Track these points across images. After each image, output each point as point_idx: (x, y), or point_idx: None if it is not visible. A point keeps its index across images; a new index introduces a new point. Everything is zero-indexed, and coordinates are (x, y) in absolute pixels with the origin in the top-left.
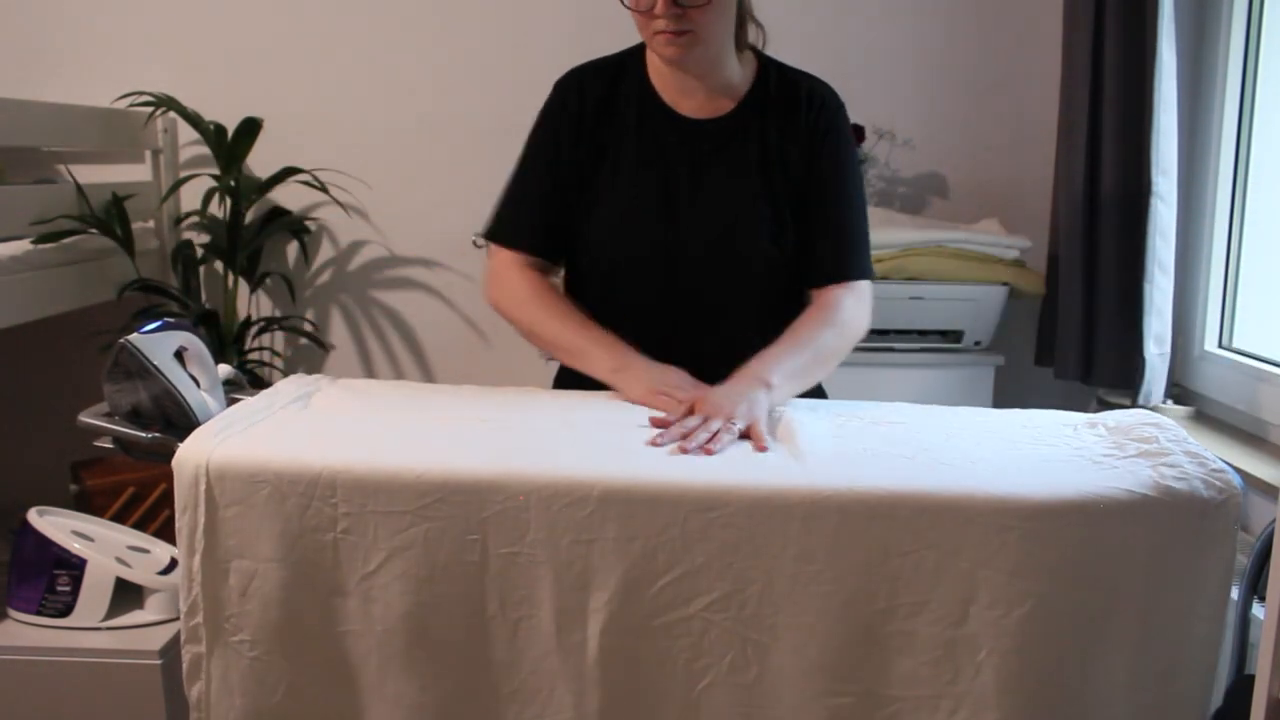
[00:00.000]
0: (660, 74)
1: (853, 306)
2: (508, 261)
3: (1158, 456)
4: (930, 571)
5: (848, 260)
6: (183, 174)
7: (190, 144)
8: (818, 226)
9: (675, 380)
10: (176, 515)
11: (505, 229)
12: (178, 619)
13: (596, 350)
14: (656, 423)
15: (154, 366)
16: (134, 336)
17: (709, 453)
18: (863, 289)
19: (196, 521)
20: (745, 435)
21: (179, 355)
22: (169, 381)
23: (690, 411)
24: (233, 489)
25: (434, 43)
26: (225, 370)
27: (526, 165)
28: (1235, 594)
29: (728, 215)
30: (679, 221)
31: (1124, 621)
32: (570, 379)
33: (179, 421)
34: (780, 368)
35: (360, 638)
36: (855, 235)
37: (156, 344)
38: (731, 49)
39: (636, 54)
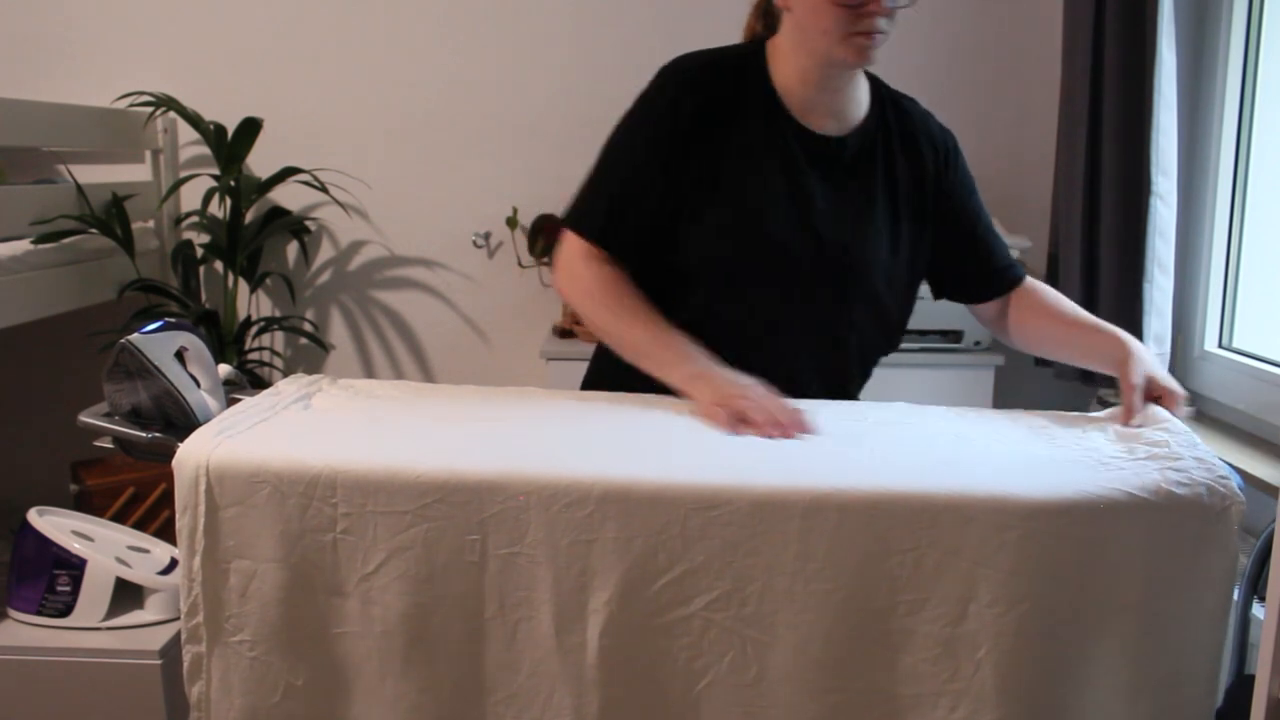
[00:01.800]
0: (788, 82)
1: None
2: (581, 252)
3: (1166, 460)
4: (930, 570)
5: (1012, 261)
6: (183, 174)
7: (190, 144)
8: (985, 244)
9: (754, 389)
10: (176, 515)
11: (585, 220)
12: (178, 619)
13: (669, 354)
14: None
15: (154, 366)
16: (134, 336)
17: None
18: None
19: (196, 522)
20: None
21: (179, 355)
22: (169, 382)
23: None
24: (233, 489)
25: (434, 43)
26: (225, 370)
27: (621, 157)
28: (1235, 594)
29: (856, 231)
30: (808, 230)
31: (1124, 624)
32: (600, 381)
33: (179, 421)
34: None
35: (360, 638)
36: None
37: (157, 344)
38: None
39: (758, 54)
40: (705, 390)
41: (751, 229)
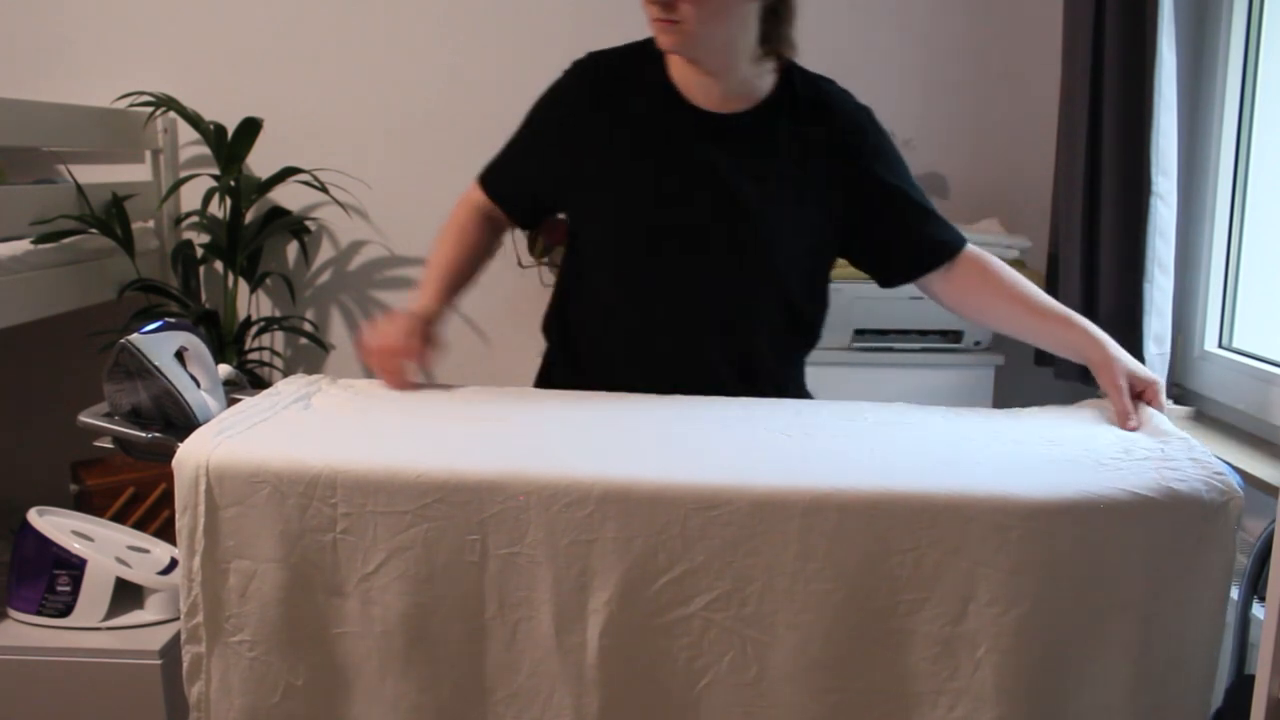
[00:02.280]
0: (678, 67)
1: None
2: (469, 198)
3: (1164, 460)
4: (930, 570)
5: (950, 229)
6: (183, 174)
7: (190, 144)
8: (916, 211)
9: (391, 328)
10: (176, 515)
11: (486, 172)
12: (178, 619)
13: (423, 283)
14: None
15: (154, 366)
16: (134, 336)
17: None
18: None
19: (196, 522)
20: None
21: (179, 355)
22: (169, 381)
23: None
24: (233, 489)
25: (434, 43)
26: (225, 370)
27: (525, 129)
28: (1235, 594)
29: (741, 207)
30: (690, 208)
31: (1123, 622)
32: (547, 382)
33: (179, 421)
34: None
35: (359, 638)
36: (932, 209)
37: (157, 344)
38: (743, 53)
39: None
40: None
41: (637, 206)
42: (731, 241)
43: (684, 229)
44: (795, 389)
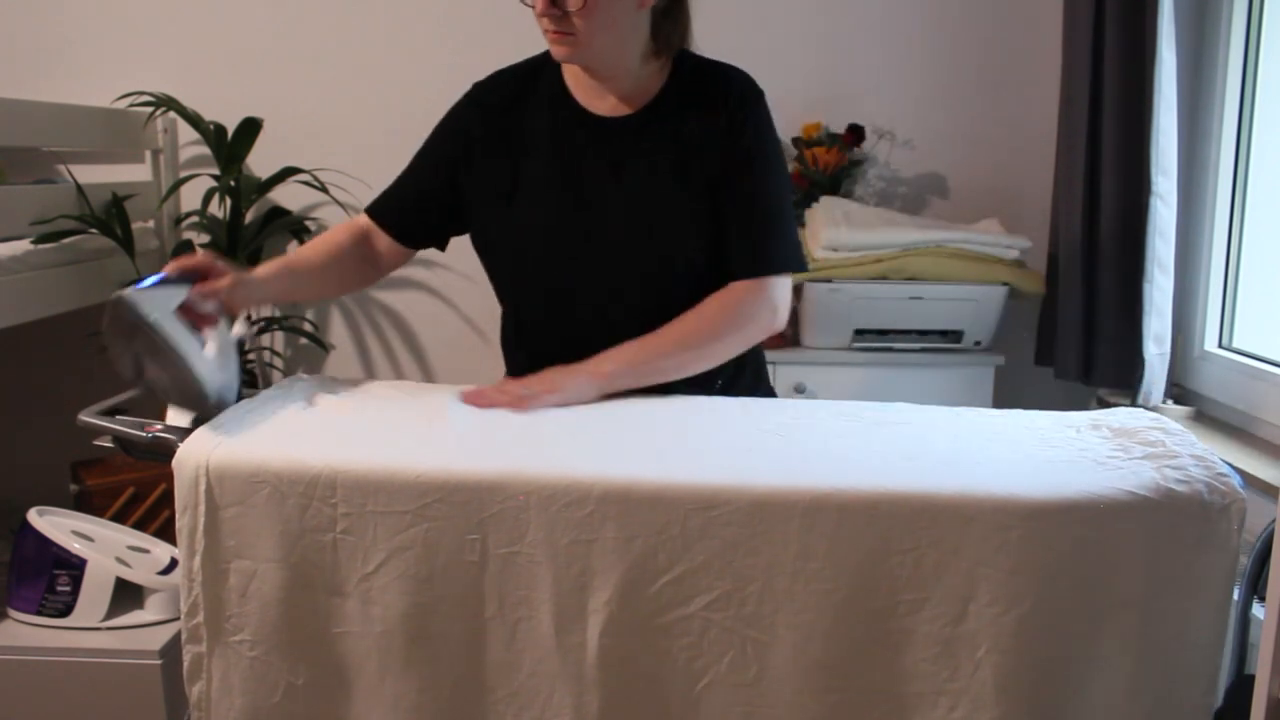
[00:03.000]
0: (573, 75)
1: (752, 303)
2: (355, 220)
3: (1163, 459)
4: (930, 570)
5: (755, 254)
6: (183, 174)
7: (190, 144)
8: (731, 220)
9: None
10: (176, 516)
11: (376, 198)
12: (178, 619)
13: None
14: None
15: (151, 323)
16: (128, 291)
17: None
18: (770, 285)
19: (196, 522)
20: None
21: (184, 314)
22: (167, 340)
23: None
24: (233, 489)
25: (434, 43)
26: (239, 329)
27: (420, 155)
28: (1235, 594)
29: (640, 211)
30: (590, 215)
31: (1124, 623)
32: (515, 370)
33: (184, 386)
34: (619, 357)
35: (359, 638)
36: (768, 226)
37: (154, 300)
38: (635, 56)
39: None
40: None
41: (539, 217)
42: (635, 246)
43: (588, 237)
44: (749, 381)
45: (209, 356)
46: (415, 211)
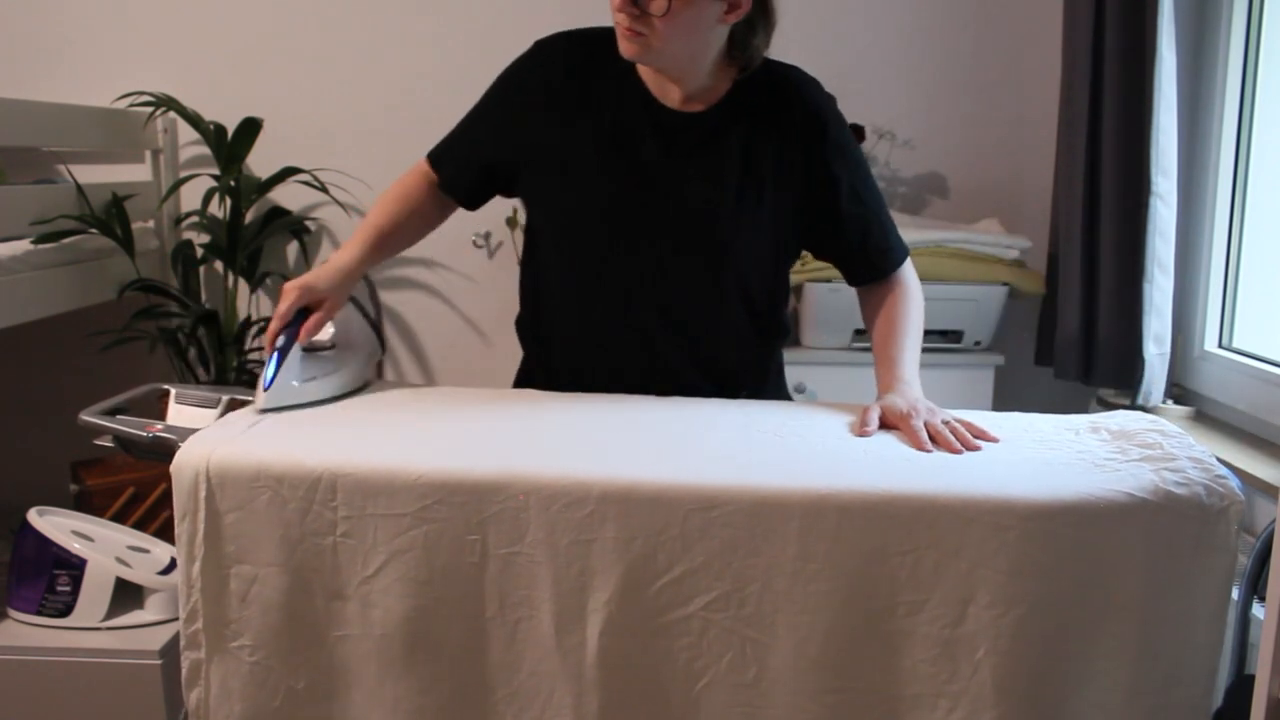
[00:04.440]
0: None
1: (915, 280)
2: (418, 169)
3: (1161, 461)
4: (929, 571)
5: (895, 245)
6: (183, 174)
7: (190, 144)
8: (857, 223)
9: (316, 282)
10: (175, 521)
11: (439, 156)
12: (178, 619)
13: (352, 236)
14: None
15: (294, 406)
16: (262, 402)
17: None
18: (909, 263)
19: (196, 527)
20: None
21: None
22: (312, 401)
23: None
24: (233, 494)
25: (433, 43)
26: (329, 331)
27: (482, 106)
28: (1235, 594)
29: (699, 201)
30: (650, 196)
31: (1123, 625)
32: (526, 380)
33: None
34: (912, 367)
35: (359, 641)
36: (888, 220)
37: (282, 391)
38: (708, 64)
39: None
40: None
41: (592, 195)
42: (685, 243)
43: (638, 226)
44: (772, 390)
45: (345, 377)
46: (479, 173)
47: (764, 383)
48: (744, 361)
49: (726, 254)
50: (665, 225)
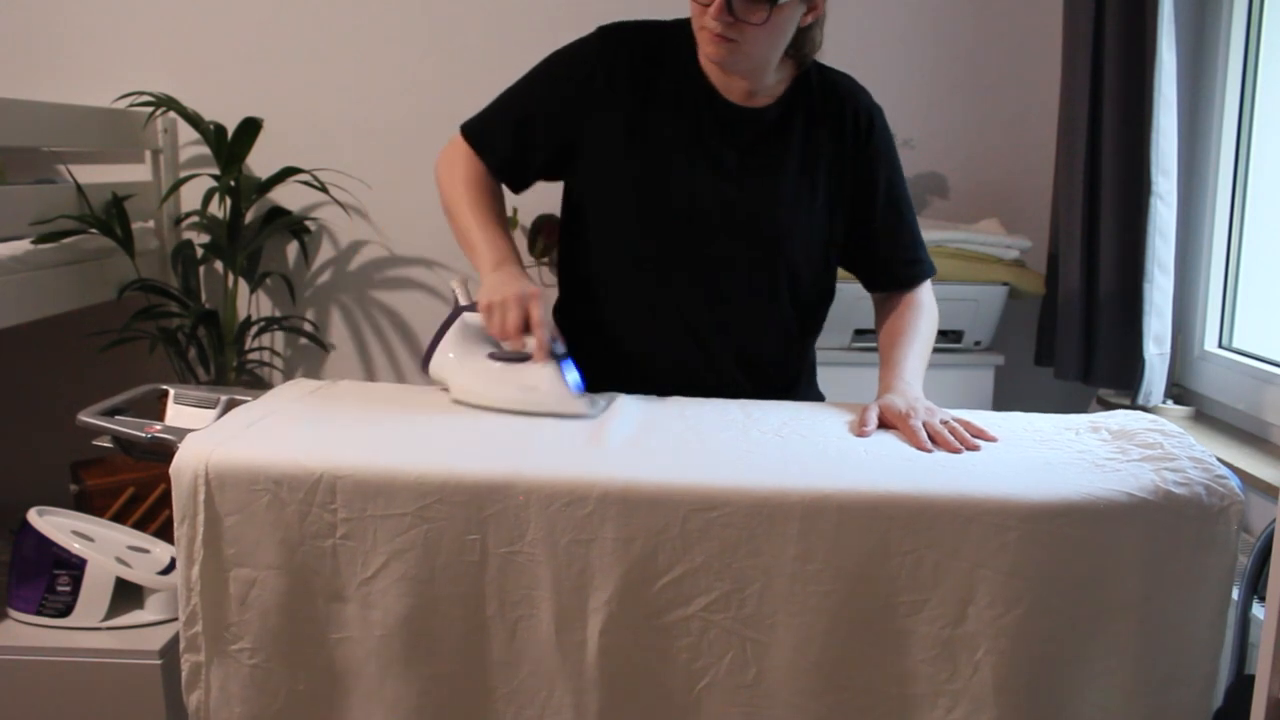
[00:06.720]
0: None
1: (933, 300)
2: (467, 153)
3: (1162, 461)
4: (929, 571)
5: (923, 259)
6: (183, 174)
7: (190, 144)
8: (888, 228)
9: (513, 292)
10: (175, 524)
11: (482, 134)
12: (178, 619)
13: (484, 245)
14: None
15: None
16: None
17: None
18: (929, 284)
19: (195, 531)
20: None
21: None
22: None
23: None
24: (232, 497)
25: (434, 43)
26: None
27: (524, 83)
28: (1235, 594)
29: (765, 199)
30: (712, 192)
31: (1123, 624)
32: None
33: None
34: (915, 371)
35: (359, 642)
36: (919, 235)
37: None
38: (776, 61)
39: (689, 26)
40: (497, 284)
41: (653, 186)
42: (745, 235)
43: (702, 218)
44: (806, 386)
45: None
46: (528, 155)
47: (797, 381)
48: (786, 359)
49: (782, 247)
50: (728, 217)
